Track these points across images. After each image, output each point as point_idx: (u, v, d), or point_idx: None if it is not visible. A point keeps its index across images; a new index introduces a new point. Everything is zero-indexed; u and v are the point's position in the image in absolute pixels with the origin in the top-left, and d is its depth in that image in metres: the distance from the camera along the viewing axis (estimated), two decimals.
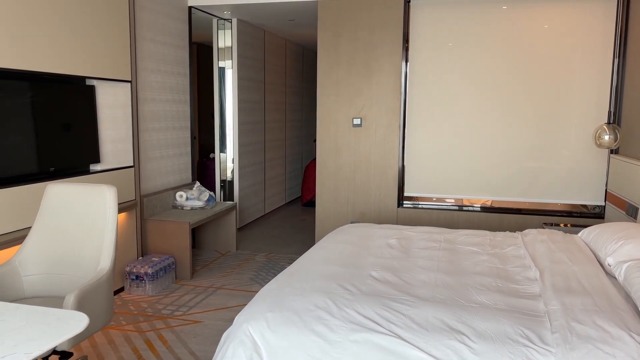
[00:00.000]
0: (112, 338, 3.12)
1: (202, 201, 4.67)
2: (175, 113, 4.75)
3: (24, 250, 2.56)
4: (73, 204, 2.60)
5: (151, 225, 4.24)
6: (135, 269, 3.86)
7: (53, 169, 3.26)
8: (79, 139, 3.47)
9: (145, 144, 4.32)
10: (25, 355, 1.38)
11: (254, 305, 2.16)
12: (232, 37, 5.65)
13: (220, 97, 5.76)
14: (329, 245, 3.03)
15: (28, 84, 3.04)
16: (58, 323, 1.57)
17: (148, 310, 3.57)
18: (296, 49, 7.64)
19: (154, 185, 4.47)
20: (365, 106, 4.66)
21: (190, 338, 3.13)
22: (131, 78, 3.96)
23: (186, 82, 4.94)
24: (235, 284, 4.14)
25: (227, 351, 2.01)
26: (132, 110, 4.00)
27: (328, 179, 4.79)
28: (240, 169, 5.83)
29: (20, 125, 3.01)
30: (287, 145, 7.44)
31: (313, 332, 1.96)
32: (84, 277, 2.54)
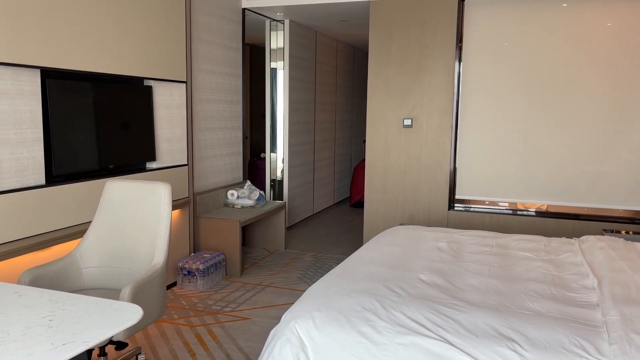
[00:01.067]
0: (164, 331, 3.22)
1: (252, 200, 4.74)
2: (227, 113, 4.85)
3: (84, 243, 2.68)
4: (130, 201, 2.70)
5: (203, 223, 4.35)
6: (187, 265, 3.97)
7: (112, 166, 3.40)
8: (137, 137, 3.60)
9: (199, 143, 4.43)
10: (83, 344, 1.44)
11: (301, 304, 2.17)
12: (284, 38, 5.72)
13: (272, 97, 5.84)
14: (377, 247, 3.01)
15: (90, 84, 3.19)
16: (114, 314, 1.64)
17: (199, 305, 3.66)
18: (347, 49, 7.64)
19: (206, 183, 4.58)
20: (416, 106, 4.61)
21: (238, 334, 3.19)
22: (186, 79, 4.08)
23: (239, 82, 5.04)
24: (283, 282, 4.19)
25: (274, 348, 2.03)
26: (187, 110, 4.12)
27: (377, 180, 4.77)
28: (290, 168, 5.89)
29: (84, 124, 3.15)
30: (336, 145, 7.45)
31: (359, 333, 1.95)
32: (139, 271, 2.63)
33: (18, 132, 2.75)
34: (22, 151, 2.78)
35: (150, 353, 2.93)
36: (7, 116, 2.68)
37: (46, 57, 2.86)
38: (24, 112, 2.78)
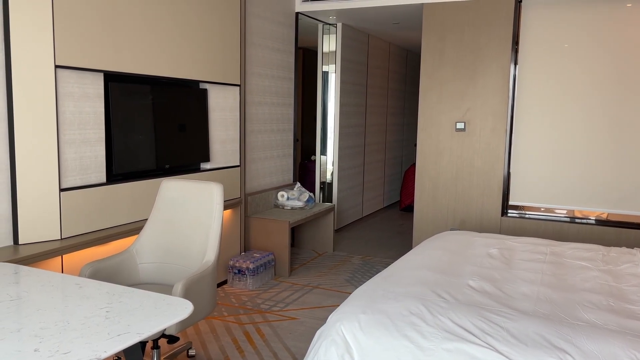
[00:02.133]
0: (214, 327, 3.31)
1: (301, 201, 4.79)
2: (279, 116, 4.93)
3: (140, 240, 2.80)
4: (184, 199, 2.79)
5: (254, 223, 4.43)
6: (237, 264, 4.06)
7: (168, 166, 3.52)
8: (192, 139, 3.71)
9: (251, 145, 4.52)
10: (137, 335, 1.51)
11: (347, 306, 2.18)
12: (337, 41, 5.75)
13: (323, 100, 5.88)
14: (426, 251, 2.98)
15: (149, 87, 3.32)
16: (167, 308, 1.70)
17: (248, 303, 3.73)
18: (400, 52, 7.59)
19: (257, 184, 4.67)
20: (469, 110, 4.53)
21: (286, 334, 3.23)
22: (240, 82, 4.17)
23: (291, 86, 5.10)
24: (331, 284, 4.20)
25: (319, 349, 2.05)
26: (240, 112, 4.21)
27: (427, 184, 4.71)
28: (340, 171, 5.91)
29: (142, 126, 3.29)
30: (387, 148, 7.41)
31: (405, 337, 1.94)
32: (191, 268, 2.72)
33: (82, 133, 2.90)
34: (85, 150, 2.93)
35: (201, 348, 3.01)
36: (72, 117, 2.84)
37: (109, 62, 3.00)
38: (88, 113, 2.93)
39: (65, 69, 2.77)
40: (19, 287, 1.87)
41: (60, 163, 2.79)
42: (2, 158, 2.60)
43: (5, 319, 1.58)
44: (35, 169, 2.68)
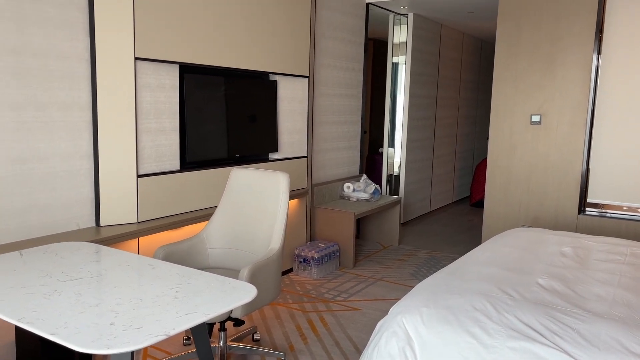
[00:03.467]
0: (279, 313, 3.39)
1: (367, 193, 4.78)
2: (347, 107, 4.93)
3: (210, 225, 2.91)
4: (252, 188, 2.87)
5: (319, 213, 4.48)
6: (303, 253, 4.12)
7: (238, 155, 3.63)
8: (262, 129, 3.80)
9: (319, 136, 4.56)
10: (203, 315, 1.58)
11: (410, 299, 2.17)
12: (408, 32, 5.66)
13: (393, 92, 5.82)
14: (495, 247, 2.89)
15: (222, 79, 3.43)
16: (232, 291, 1.77)
17: (312, 292, 3.79)
18: (474, 42, 7.36)
19: (324, 175, 4.71)
20: (546, 102, 4.32)
21: (349, 324, 3.25)
22: (309, 73, 4.21)
23: (360, 77, 5.09)
24: (395, 277, 4.18)
25: (380, 340, 2.05)
26: (309, 103, 4.26)
27: (499, 179, 4.56)
28: (408, 164, 5.83)
29: (214, 116, 3.40)
30: (457, 142, 7.23)
31: (468, 333, 1.90)
32: (257, 254, 2.79)
33: (158, 122, 3.05)
34: (161, 139, 3.07)
35: (265, 333, 3.09)
36: (149, 107, 2.99)
37: (184, 54, 3.13)
38: (164, 103, 3.07)
39: (144, 61, 2.91)
40: (99, 265, 2.01)
41: (137, 151, 2.94)
42: (86, 145, 2.78)
43: (86, 294, 1.70)
44: (115, 156, 2.85)
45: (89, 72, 2.75)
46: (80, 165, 2.76)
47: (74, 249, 2.20)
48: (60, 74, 2.62)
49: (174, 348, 2.88)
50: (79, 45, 2.69)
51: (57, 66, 2.60)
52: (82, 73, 2.72)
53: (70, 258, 2.07)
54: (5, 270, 1.90)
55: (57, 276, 1.86)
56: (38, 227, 2.61)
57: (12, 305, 1.60)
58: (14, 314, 1.53)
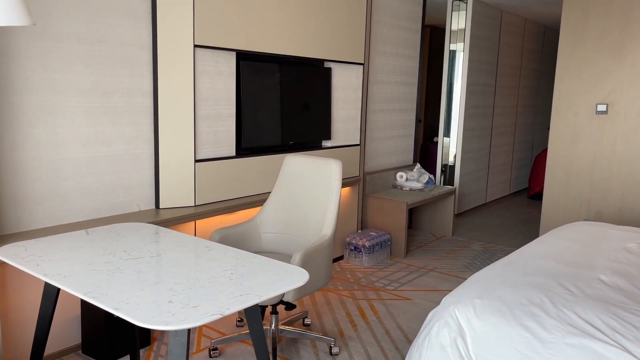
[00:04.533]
0: (329, 300, 3.41)
1: (421, 183, 4.72)
2: (402, 95, 4.87)
3: (264, 211, 2.96)
4: (305, 174, 2.89)
5: (371, 202, 4.46)
6: (354, 241, 4.13)
7: (292, 142, 3.66)
8: (315, 117, 3.82)
9: (372, 124, 4.53)
10: (256, 297, 1.61)
11: (463, 290, 2.13)
12: (467, 18, 5.50)
13: (449, 80, 5.69)
14: (554, 241, 2.79)
15: (277, 66, 3.46)
16: (285, 275, 1.79)
17: (363, 280, 3.79)
18: (536, 29, 7.07)
19: (376, 163, 4.68)
20: (613, 91, 4.11)
21: (399, 313, 3.24)
22: (364, 61, 4.18)
23: (415, 65, 5.01)
24: (448, 268, 4.12)
25: (431, 329, 2.03)
26: (363, 91, 4.23)
27: (560, 171, 4.38)
28: (463, 154, 5.71)
29: (269, 103, 3.45)
30: (516, 132, 7.00)
31: (523, 327, 1.85)
32: (309, 240, 2.82)
33: (215, 108, 3.12)
34: (218, 125, 3.14)
35: (316, 319, 3.13)
36: (207, 94, 3.06)
37: (241, 41, 3.18)
38: (221, 90, 3.13)
39: (203, 48, 2.98)
40: (159, 245, 2.09)
41: (195, 136, 3.03)
42: (147, 130, 2.88)
43: (146, 272, 1.78)
44: (174, 141, 2.94)
45: (151, 60, 2.84)
46: (141, 150, 2.87)
47: (135, 229, 2.30)
48: (124, 61, 2.72)
49: (228, 329, 2.96)
50: (142, 34, 2.78)
51: (121, 53, 2.70)
52: (145, 60, 2.81)
53: (132, 238, 2.16)
54: (73, 247, 2.01)
55: (119, 254, 1.95)
56: (103, 207, 2.73)
57: (79, 280, 1.69)
58: (80, 288, 1.62)
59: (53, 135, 2.49)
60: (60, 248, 1.99)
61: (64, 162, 2.55)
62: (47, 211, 2.51)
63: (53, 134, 2.49)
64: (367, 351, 2.76)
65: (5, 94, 2.32)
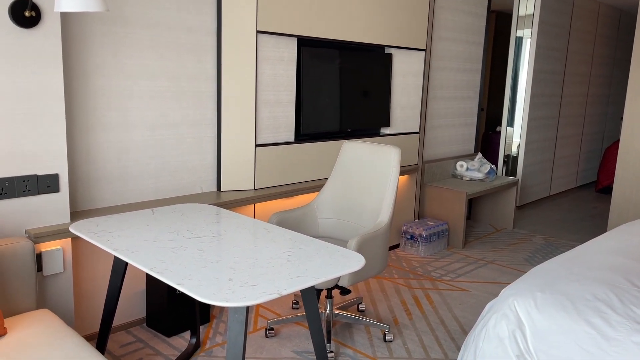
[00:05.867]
0: (384, 287, 3.41)
1: (482, 173, 4.60)
2: (464, 83, 4.75)
3: (321, 196, 2.98)
4: (363, 161, 2.89)
5: (429, 191, 4.40)
6: (410, 229, 4.09)
7: (350, 129, 3.66)
8: (374, 103, 3.79)
9: (432, 111, 4.45)
10: (313, 279, 1.64)
11: (524, 282, 2.07)
12: (535, 3, 5.28)
13: (515, 67, 5.49)
14: (622, 236, 2.66)
15: (337, 52, 3.45)
16: (341, 259, 1.81)
17: (419, 269, 3.76)
18: (611, 13, 6.68)
19: (435, 152, 4.60)
20: None
21: (455, 304, 3.19)
22: (426, 47, 4.11)
23: (479, 51, 4.86)
24: (507, 261, 4.01)
25: (489, 321, 2.00)
26: (424, 78, 4.16)
27: (633, 164, 4.15)
28: (527, 144, 5.51)
29: (328, 89, 3.45)
30: (585, 122, 6.67)
31: (587, 322, 1.78)
32: (365, 227, 2.82)
33: (276, 94, 3.16)
34: (278, 111, 3.19)
35: (370, 305, 3.14)
36: (268, 79, 3.10)
37: (302, 27, 3.19)
38: (282, 76, 3.17)
39: (265, 34, 3.02)
40: (220, 226, 2.15)
41: (256, 121, 3.08)
42: (211, 114, 2.96)
43: (208, 251, 1.84)
44: (236, 126, 3.01)
45: (215, 45, 2.91)
46: (205, 133, 2.95)
47: (198, 210, 2.38)
48: (189, 47, 2.80)
49: (283, 310, 3.02)
50: (207, 20, 2.85)
51: (187, 39, 2.78)
52: (209, 46, 2.89)
53: (195, 218, 2.24)
54: (140, 225, 2.11)
55: (183, 233, 2.02)
56: (167, 188, 2.85)
57: (145, 255, 1.77)
58: (146, 263, 1.70)
59: (123, 118, 2.61)
60: (128, 225, 2.09)
61: (132, 144, 2.66)
62: (116, 190, 2.64)
63: (123, 117, 2.61)
64: (421, 339, 2.74)
65: (80, 78, 2.44)
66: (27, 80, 2.15)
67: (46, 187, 2.26)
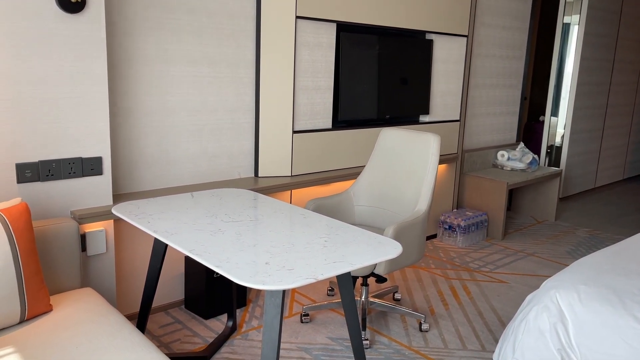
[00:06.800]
0: (420, 277, 3.37)
1: (524, 163, 4.48)
2: (507, 70, 4.62)
3: (358, 183, 2.96)
4: (401, 148, 2.85)
5: (469, 181, 4.31)
6: (448, 219, 4.03)
7: (388, 116, 3.61)
8: (413, 90, 3.73)
9: (473, 99, 4.35)
10: (349, 265, 1.63)
11: (567, 274, 2.01)
12: None
13: (561, 55, 5.30)
14: None
15: (377, 37, 3.41)
16: (378, 246, 1.79)
17: (456, 260, 3.70)
18: None
19: (476, 141, 4.50)
20: None
21: (493, 295, 3.13)
22: (468, 33, 4.01)
23: (524, 38, 4.71)
24: (548, 253, 3.90)
25: (529, 312, 1.95)
26: (465, 65, 4.06)
27: None
28: (572, 134, 5.33)
29: (367, 75, 3.41)
30: (635, 112, 6.40)
31: (634, 317, 1.72)
32: (403, 215, 2.79)
33: (314, 80, 3.14)
34: (315, 97, 3.17)
35: (406, 294, 3.11)
36: (307, 65, 3.09)
37: (341, 12, 3.16)
38: (320, 62, 3.15)
39: (304, 19, 3.00)
40: (257, 210, 2.16)
41: (294, 107, 3.08)
42: (249, 100, 2.97)
43: (245, 235, 1.85)
44: (274, 112, 3.01)
45: (254, 31, 2.91)
46: (243, 119, 2.97)
47: (235, 195, 2.40)
48: (229, 33, 2.81)
49: (318, 297, 3.03)
50: (247, 5, 2.85)
51: (227, 24, 2.79)
52: (249, 32, 2.89)
53: (232, 202, 2.26)
54: (180, 208, 2.14)
55: (221, 217, 2.04)
56: (206, 173, 2.88)
57: (185, 238, 1.80)
58: (186, 245, 1.73)
59: (163, 103, 2.65)
60: (168, 208, 2.13)
61: (172, 129, 2.70)
62: (156, 174, 2.69)
63: (163, 102, 2.64)
64: (458, 330, 2.70)
65: (123, 63, 2.49)
66: (73, 65, 2.20)
67: (90, 169, 2.32)
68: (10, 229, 1.72)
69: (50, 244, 2.04)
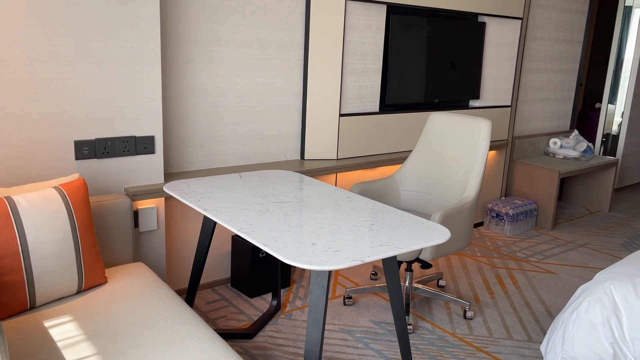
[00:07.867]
0: (466, 264, 3.33)
1: (577, 151, 4.32)
2: (563, 54, 4.44)
3: (404, 168, 2.93)
4: (450, 133, 2.80)
5: (518, 168, 4.20)
6: (496, 207, 3.94)
7: (437, 100, 3.54)
8: (464, 74, 3.64)
9: (526, 84, 4.21)
10: (396, 249, 1.62)
11: (622, 266, 1.94)
12: None
13: (621, 40, 5.05)
14: None
15: (427, 20, 3.33)
16: (425, 231, 1.77)
17: (503, 249, 3.63)
18: None
19: (527, 127, 4.37)
20: None
21: (541, 286, 3.06)
22: (522, 15, 3.87)
23: (582, 21, 4.51)
24: (601, 245, 3.77)
25: (581, 304, 1.89)
26: (518, 48, 3.93)
27: None
28: (630, 122, 5.09)
29: (416, 59, 3.35)
30: None
31: None
32: (450, 201, 2.75)
33: (362, 63, 3.11)
34: (363, 80, 3.15)
35: (451, 282, 3.07)
36: (355, 48, 3.06)
37: None
38: (369, 45, 3.11)
39: (354, 1, 2.97)
40: (303, 192, 2.18)
41: (342, 90, 3.06)
42: (297, 83, 2.98)
43: (292, 216, 1.87)
44: (321, 95, 3.01)
45: (304, 13, 2.90)
46: (291, 102, 2.98)
47: (282, 176, 2.42)
48: (279, 14, 2.81)
49: (362, 281, 3.03)
50: None
51: (277, 6, 2.79)
52: (298, 13, 2.88)
53: (279, 184, 2.29)
54: (228, 188, 2.18)
55: (268, 198, 2.07)
56: (253, 154, 2.92)
57: (233, 217, 1.83)
58: (234, 224, 1.76)
59: (214, 85, 2.68)
60: (217, 187, 2.17)
61: (222, 110, 2.74)
62: (205, 154, 2.75)
63: (214, 83, 2.68)
64: (503, 319, 2.66)
65: (175, 44, 2.53)
66: (128, 45, 2.26)
67: (143, 148, 2.38)
68: (69, 203, 1.79)
69: (105, 219, 2.12)
